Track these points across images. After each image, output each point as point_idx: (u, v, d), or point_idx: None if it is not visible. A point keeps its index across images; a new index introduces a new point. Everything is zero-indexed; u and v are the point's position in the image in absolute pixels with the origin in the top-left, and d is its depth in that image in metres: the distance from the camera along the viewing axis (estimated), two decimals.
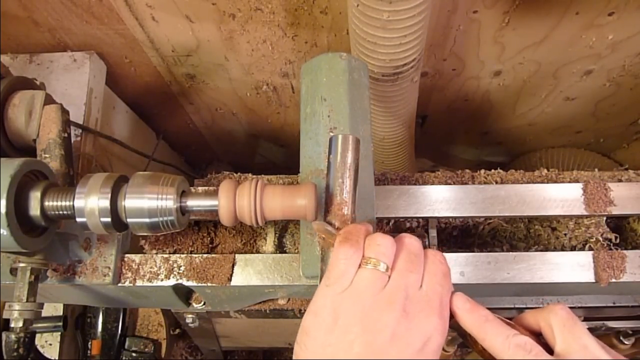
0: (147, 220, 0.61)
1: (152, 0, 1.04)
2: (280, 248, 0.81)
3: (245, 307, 0.87)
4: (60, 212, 0.62)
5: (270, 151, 1.89)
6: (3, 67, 0.86)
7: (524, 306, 0.99)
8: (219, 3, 1.04)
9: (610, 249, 0.78)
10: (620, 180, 0.82)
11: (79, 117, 1.05)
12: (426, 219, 0.86)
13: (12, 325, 0.65)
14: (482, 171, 0.85)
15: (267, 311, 0.87)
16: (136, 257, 0.77)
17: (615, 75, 1.32)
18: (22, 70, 1.10)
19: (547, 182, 0.82)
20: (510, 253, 0.77)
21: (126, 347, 1.33)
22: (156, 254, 0.78)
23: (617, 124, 1.62)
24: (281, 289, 0.77)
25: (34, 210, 0.62)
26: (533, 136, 1.71)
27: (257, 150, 1.90)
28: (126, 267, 0.77)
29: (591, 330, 1.18)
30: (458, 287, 0.76)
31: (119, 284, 0.76)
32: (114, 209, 0.61)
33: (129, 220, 0.62)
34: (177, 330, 1.52)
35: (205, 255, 0.76)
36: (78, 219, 0.61)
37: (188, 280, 0.75)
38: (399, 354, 0.47)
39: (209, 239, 0.81)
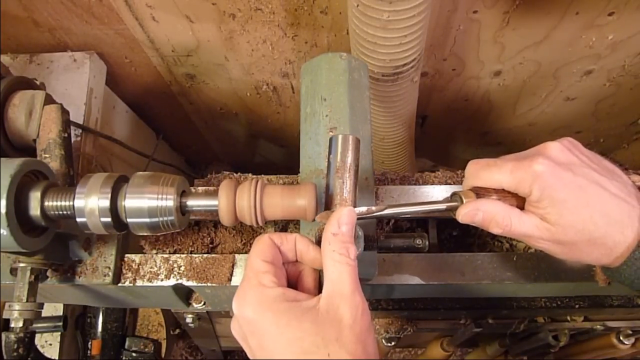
0: (147, 220, 0.61)
1: (152, 0, 1.04)
2: None
3: None
4: (60, 212, 0.62)
5: (270, 151, 1.89)
6: (3, 67, 0.86)
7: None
8: (219, 3, 1.04)
9: None
10: None
11: (79, 117, 1.05)
12: (426, 219, 0.86)
13: (12, 325, 0.65)
14: None
15: None
16: (136, 257, 0.77)
17: (615, 75, 1.33)
18: (22, 70, 1.10)
19: None
20: (510, 253, 0.77)
21: (126, 347, 1.33)
22: (156, 254, 0.78)
23: (617, 124, 1.62)
24: None
25: (34, 210, 0.62)
26: (533, 136, 1.71)
27: (257, 150, 1.90)
28: (126, 267, 0.77)
29: (591, 330, 1.18)
30: (458, 287, 0.76)
31: (119, 284, 0.75)
32: (114, 209, 0.61)
33: (129, 220, 0.62)
34: (177, 330, 1.52)
35: (205, 255, 0.76)
36: (78, 219, 0.61)
37: (188, 280, 0.75)
38: None
39: (209, 239, 0.81)
